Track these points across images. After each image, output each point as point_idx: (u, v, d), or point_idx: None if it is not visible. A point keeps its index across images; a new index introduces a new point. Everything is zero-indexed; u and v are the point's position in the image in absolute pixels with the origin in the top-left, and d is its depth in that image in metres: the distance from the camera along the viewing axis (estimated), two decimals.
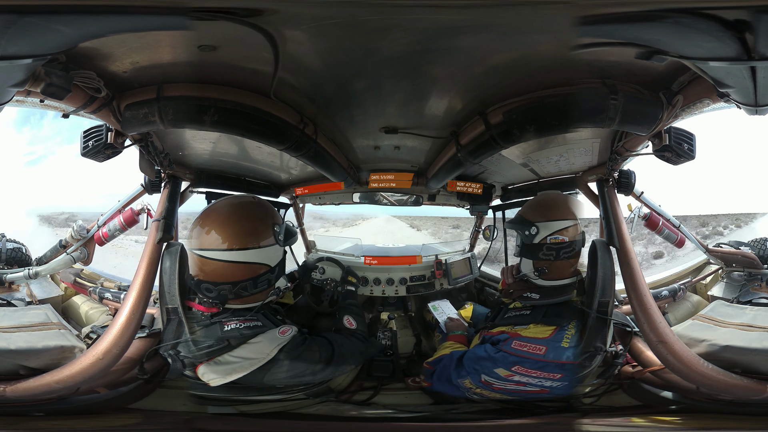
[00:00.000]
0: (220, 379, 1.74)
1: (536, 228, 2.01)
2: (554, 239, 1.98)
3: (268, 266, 1.83)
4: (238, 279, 1.77)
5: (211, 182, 2.53)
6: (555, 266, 2.00)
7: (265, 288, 1.85)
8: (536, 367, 1.85)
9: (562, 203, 2.12)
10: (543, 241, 2.00)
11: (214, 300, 1.80)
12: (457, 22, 1.33)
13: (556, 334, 1.87)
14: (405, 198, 3.04)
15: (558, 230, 1.99)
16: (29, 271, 2.47)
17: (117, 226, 2.49)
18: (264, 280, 1.83)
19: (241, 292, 1.79)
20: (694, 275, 2.99)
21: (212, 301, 1.81)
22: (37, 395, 1.71)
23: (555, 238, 1.98)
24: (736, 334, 1.85)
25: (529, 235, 2.03)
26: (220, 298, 1.79)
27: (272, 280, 1.87)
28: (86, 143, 1.85)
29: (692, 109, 1.65)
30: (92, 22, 1.16)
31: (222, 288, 1.77)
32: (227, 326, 1.76)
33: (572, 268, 2.02)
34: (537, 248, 2.01)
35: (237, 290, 1.78)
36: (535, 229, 2.01)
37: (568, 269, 2.01)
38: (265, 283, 1.84)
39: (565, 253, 1.98)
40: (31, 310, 2.16)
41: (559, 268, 2.01)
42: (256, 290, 1.82)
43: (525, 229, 2.04)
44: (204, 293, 1.80)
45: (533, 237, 2.02)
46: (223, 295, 1.78)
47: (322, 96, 1.81)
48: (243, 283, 1.78)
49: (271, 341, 1.76)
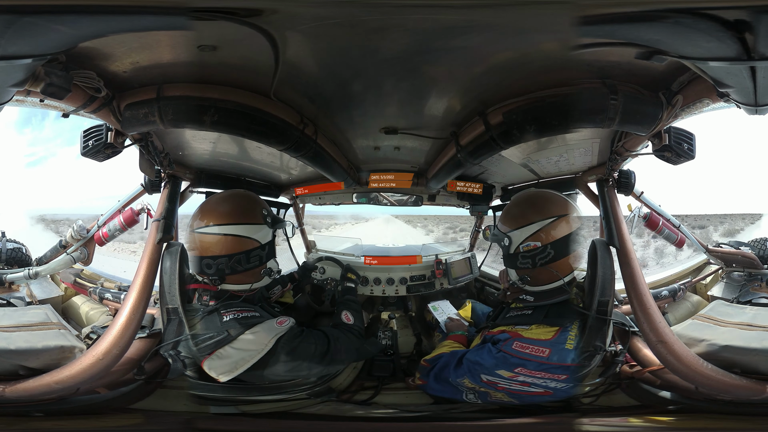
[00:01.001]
0: (228, 374, 1.79)
1: (508, 238, 1.96)
2: (526, 246, 1.92)
3: (258, 242, 1.98)
4: (232, 252, 1.92)
5: (211, 182, 2.53)
6: (536, 273, 1.93)
7: (257, 264, 1.98)
8: (540, 369, 1.82)
9: (529, 205, 2.01)
10: (517, 251, 1.95)
11: (213, 276, 1.93)
12: (457, 22, 1.33)
13: (559, 336, 1.84)
14: (405, 198, 3.04)
15: (529, 236, 1.91)
16: (29, 271, 2.47)
17: (117, 226, 2.49)
18: (255, 256, 1.97)
19: (236, 266, 1.93)
20: (694, 275, 3.00)
21: (212, 278, 1.93)
22: (37, 395, 1.71)
23: (527, 245, 1.91)
24: (736, 333, 1.85)
25: (505, 246, 1.99)
26: (219, 273, 1.93)
27: (263, 258, 2.00)
28: (86, 143, 1.86)
29: (692, 109, 1.64)
30: (92, 22, 1.16)
31: (220, 261, 1.92)
32: (226, 317, 1.82)
33: (556, 272, 1.91)
34: (514, 258, 1.96)
35: (232, 264, 1.93)
36: (507, 239, 1.97)
37: (550, 274, 1.91)
38: (256, 260, 1.98)
39: (540, 259, 1.90)
40: (30, 310, 2.16)
41: (541, 274, 1.93)
42: (249, 265, 1.96)
43: (500, 240, 2.01)
44: (204, 270, 1.94)
45: (508, 248, 1.97)
46: (221, 269, 1.92)
47: (322, 96, 1.81)
48: (237, 256, 1.93)
49: (269, 331, 1.83)
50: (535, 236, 1.90)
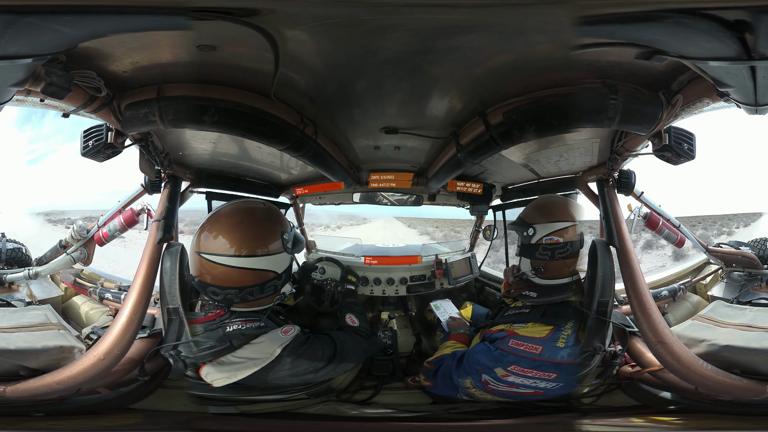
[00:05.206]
0: (225, 379, 1.75)
1: (533, 229, 2.08)
2: (550, 240, 2.05)
3: (276, 273, 1.85)
4: (245, 284, 1.79)
5: (211, 182, 2.53)
6: (551, 266, 2.05)
7: (271, 293, 1.88)
8: (532, 366, 1.87)
9: (561, 206, 2.16)
10: (539, 242, 2.06)
11: (219, 303, 1.83)
12: (457, 22, 1.33)
13: (553, 334, 1.89)
14: (405, 198, 3.04)
15: (554, 231, 2.05)
16: (29, 271, 2.47)
17: (117, 227, 2.49)
18: (270, 287, 1.85)
19: (247, 297, 1.81)
20: (694, 275, 2.99)
21: (218, 304, 1.83)
22: (38, 396, 1.71)
23: (551, 239, 2.05)
24: (736, 334, 1.86)
25: (527, 236, 2.10)
26: (226, 302, 1.81)
27: (278, 286, 1.89)
28: (86, 143, 1.85)
29: (692, 108, 1.64)
30: (92, 22, 1.16)
31: (228, 292, 1.79)
32: (230, 327, 1.77)
33: (568, 269, 2.06)
34: (534, 248, 2.07)
35: (243, 295, 1.80)
36: (533, 230, 2.08)
37: (564, 269, 2.06)
38: (271, 289, 1.86)
39: (560, 253, 2.03)
40: (30, 310, 2.16)
41: (555, 267, 2.05)
42: (262, 296, 1.84)
43: (523, 230, 2.12)
44: (210, 296, 1.83)
45: (531, 237, 2.09)
46: (230, 299, 1.80)
47: (322, 96, 1.81)
48: (250, 288, 1.80)
49: (274, 341, 1.77)
50: (560, 232, 2.05)
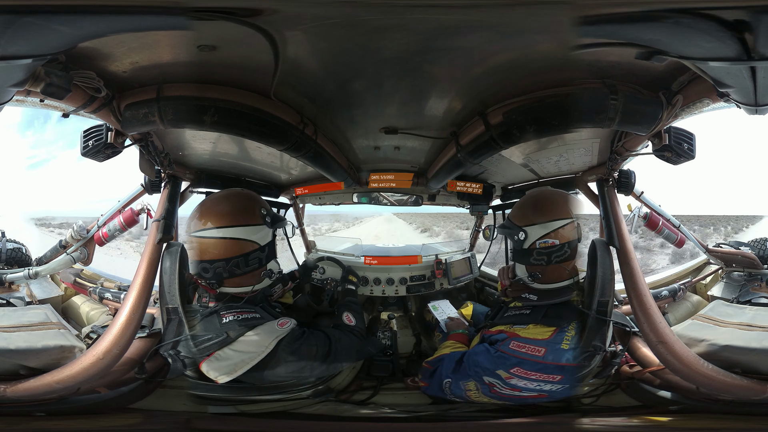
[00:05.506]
0: (227, 375, 1.77)
1: (524, 233, 1.92)
2: (544, 243, 1.89)
3: (257, 244, 1.91)
4: (229, 255, 1.86)
5: (211, 182, 2.53)
6: (548, 270, 1.92)
7: (256, 267, 1.92)
8: (535, 368, 1.82)
9: (551, 202, 1.99)
10: (532, 246, 1.91)
11: (210, 280, 1.88)
12: (457, 22, 1.33)
13: (556, 336, 1.84)
14: (405, 198, 3.04)
15: (547, 233, 1.89)
16: (29, 271, 2.48)
17: (117, 227, 2.49)
18: (254, 258, 1.90)
19: (234, 270, 1.87)
20: (694, 275, 3.00)
21: (209, 281, 1.89)
22: (38, 395, 1.71)
23: (545, 242, 1.89)
24: (736, 333, 1.85)
25: (518, 241, 1.94)
26: (216, 277, 1.87)
27: (262, 260, 1.94)
28: (86, 143, 1.86)
29: (692, 108, 1.65)
30: (92, 22, 1.16)
31: (217, 266, 1.86)
32: (225, 319, 1.80)
33: (568, 270, 1.93)
34: (527, 253, 1.93)
35: (230, 267, 1.86)
36: (523, 234, 1.92)
37: (563, 272, 1.92)
38: (255, 262, 1.91)
39: (557, 257, 1.89)
40: (30, 310, 2.16)
41: (554, 271, 1.92)
42: (248, 268, 1.89)
43: (513, 234, 1.96)
44: (202, 274, 1.89)
45: (522, 242, 1.93)
46: (219, 273, 1.87)
47: (322, 96, 1.81)
48: (235, 259, 1.86)
49: (269, 333, 1.80)
50: (555, 233, 1.89)
